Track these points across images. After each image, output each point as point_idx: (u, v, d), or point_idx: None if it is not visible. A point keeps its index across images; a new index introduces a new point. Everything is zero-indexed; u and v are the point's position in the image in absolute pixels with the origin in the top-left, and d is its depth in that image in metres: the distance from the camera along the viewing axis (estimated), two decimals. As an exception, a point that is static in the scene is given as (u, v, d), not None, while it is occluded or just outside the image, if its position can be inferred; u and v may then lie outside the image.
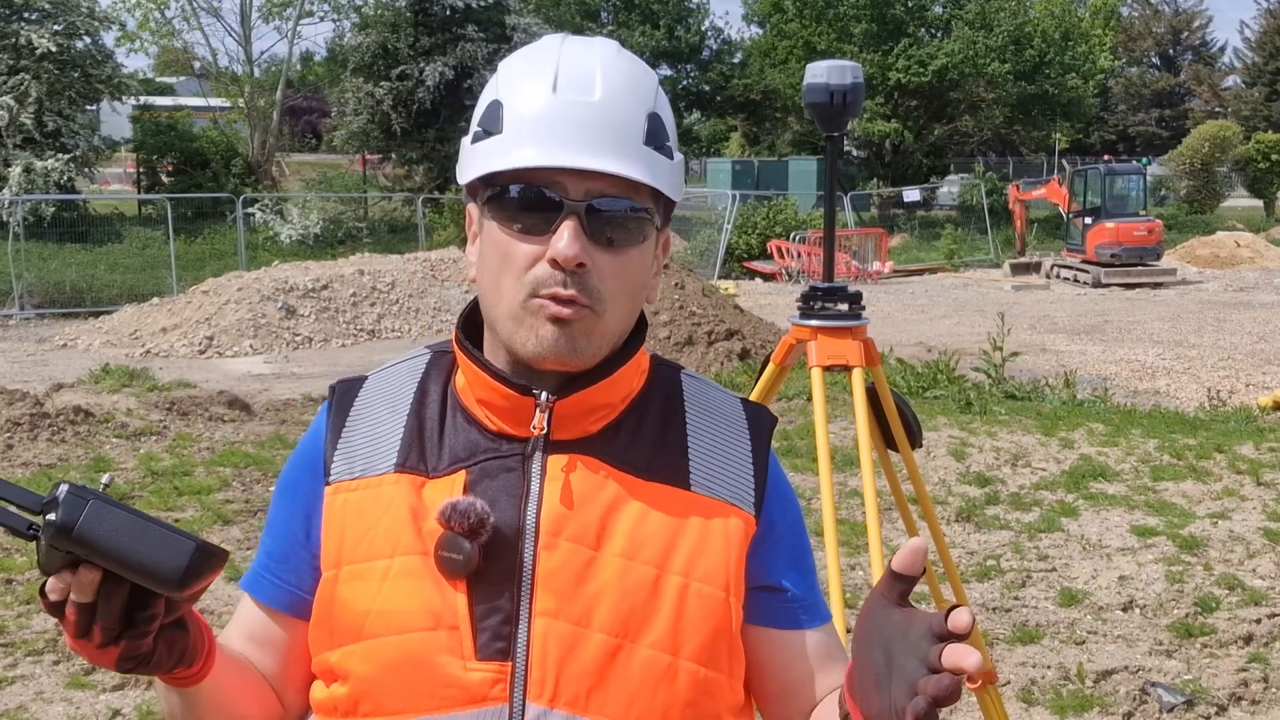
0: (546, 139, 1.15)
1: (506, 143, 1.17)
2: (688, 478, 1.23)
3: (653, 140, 1.19)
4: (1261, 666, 4.87)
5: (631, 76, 1.21)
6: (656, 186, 1.18)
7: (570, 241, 1.14)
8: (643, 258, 1.22)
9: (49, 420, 8.34)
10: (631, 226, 1.19)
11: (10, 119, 23.52)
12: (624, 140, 1.17)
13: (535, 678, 1.15)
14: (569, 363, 1.18)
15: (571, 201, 1.15)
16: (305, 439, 1.32)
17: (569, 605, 1.16)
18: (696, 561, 1.20)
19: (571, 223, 1.15)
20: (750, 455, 1.28)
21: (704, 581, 1.19)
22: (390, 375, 1.32)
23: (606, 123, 1.16)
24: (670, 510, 1.21)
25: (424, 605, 1.17)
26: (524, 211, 1.17)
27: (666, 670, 1.17)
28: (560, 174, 1.15)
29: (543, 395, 1.20)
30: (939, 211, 36.54)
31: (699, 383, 1.33)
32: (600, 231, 1.16)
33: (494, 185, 1.18)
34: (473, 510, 1.15)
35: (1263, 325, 17.23)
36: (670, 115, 1.25)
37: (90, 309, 18.06)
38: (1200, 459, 8.11)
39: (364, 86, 29.04)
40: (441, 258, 17.79)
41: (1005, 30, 35.46)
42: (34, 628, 5.10)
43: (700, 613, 1.19)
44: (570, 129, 1.15)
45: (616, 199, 1.17)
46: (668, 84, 41.87)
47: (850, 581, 5.65)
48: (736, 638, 1.22)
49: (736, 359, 12.35)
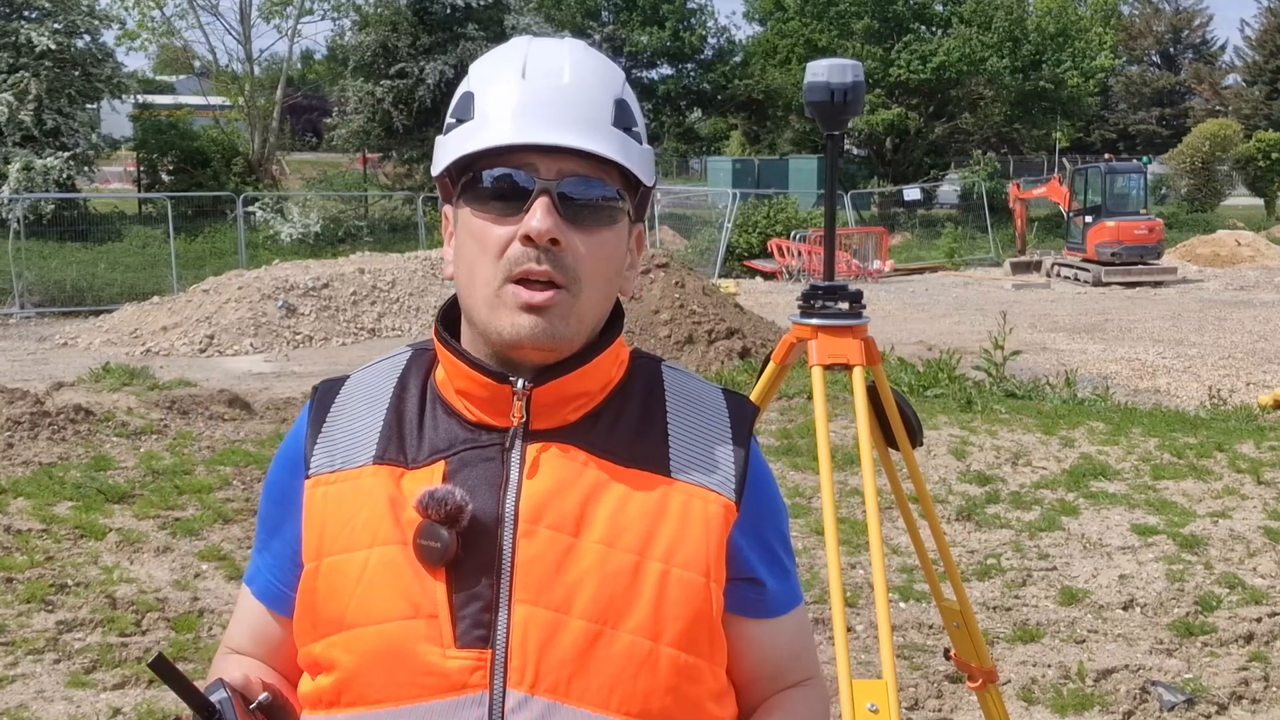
0: (517, 118, 1.17)
1: (478, 126, 1.19)
2: (668, 464, 1.24)
3: (621, 123, 1.22)
4: (1262, 665, 4.86)
5: (598, 66, 1.25)
6: (626, 165, 1.20)
7: (543, 217, 1.16)
8: (616, 240, 1.23)
9: (49, 419, 8.34)
10: (603, 210, 1.20)
11: (9, 116, 23.51)
12: (593, 120, 1.19)
13: (515, 665, 1.15)
14: (546, 346, 1.19)
15: (543, 180, 1.17)
16: (287, 437, 1.34)
17: (549, 592, 1.17)
18: (677, 548, 1.20)
19: (544, 200, 1.17)
20: (731, 443, 1.28)
21: (684, 568, 1.20)
22: (371, 373, 1.34)
23: (575, 103, 1.19)
24: (650, 497, 1.21)
25: (403, 594, 1.17)
26: (497, 197, 1.19)
27: (647, 656, 1.17)
28: (532, 155, 1.17)
29: (520, 382, 1.21)
30: (939, 210, 36.52)
31: (679, 373, 1.34)
32: (573, 213, 1.18)
33: (467, 174, 1.20)
34: (450, 498, 1.16)
35: (1263, 324, 17.23)
36: (638, 108, 1.27)
37: (91, 307, 18.06)
38: (1201, 458, 8.11)
39: (364, 85, 29.04)
40: (442, 256, 17.74)
41: (1002, 26, 35.46)
42: (34, 626, 5.10)
43: (681, 599, 1.19)
44: (540, 109, 1.18)
45: (588, 180, 1.19)
46: (668, 83, 41.91)
47: (850, 581, 5.65)
48: (717, 623, 1.23)
49: (737, 357, 12.35)
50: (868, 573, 5.74)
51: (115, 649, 4.86)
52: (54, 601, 5.36)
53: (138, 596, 5.43)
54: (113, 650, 4.85)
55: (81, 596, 5.42)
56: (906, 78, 35.69)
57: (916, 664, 4.84)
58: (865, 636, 5.05)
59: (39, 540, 6.14)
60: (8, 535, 6.17)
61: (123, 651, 4.85)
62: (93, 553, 6.02)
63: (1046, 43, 36.49)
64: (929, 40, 36.38)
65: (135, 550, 6.07)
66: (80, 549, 6.08)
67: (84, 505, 6.69)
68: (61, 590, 5.50)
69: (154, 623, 5.16)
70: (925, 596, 5.47)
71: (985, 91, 37.39)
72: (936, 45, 35.76)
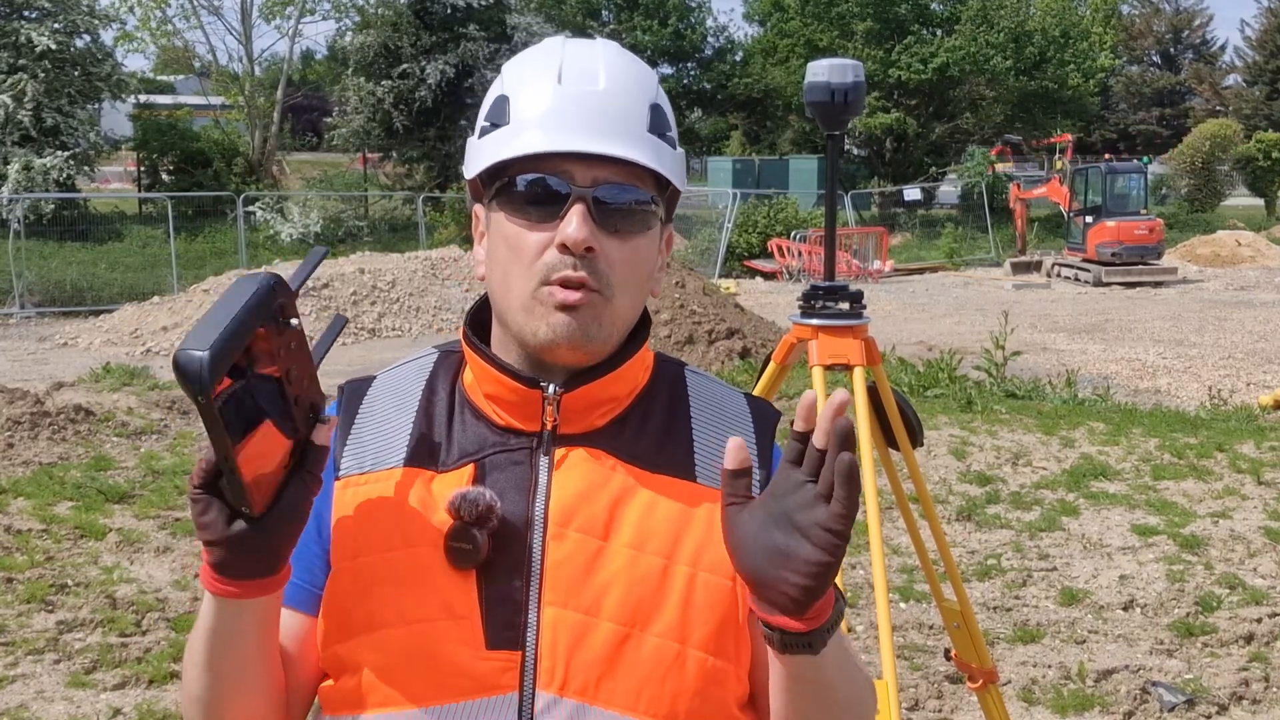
0: (553, 126, 1.17)
1: (514, 132, 1.19)
2: (693, 470, 1.25)
3: (655, 129, 1.22)
4: (1262, 666, 4.87)
5: (633, 70, 1.24)
6: (661, 171, 1.20)
7: (579, 225, 1.16)
8: (649, 247, 1.23)
9: (50, 419, 8.34)
10: (637, 215, 1.21)
11: (8, 116, 23.51)
12: (629, 127, 1.19)
13: (545, 666, 1.16)
14: (580, 349, 1.19)
15: (579, 188, 1.17)
16: None
17: (578, 595, 1.17)
18: (704, 552, 1.21)
19: (580, 208, 1.16)
20: (755, 448, 1.29)
21: (711, 571, 1.20)
22: (398, 374, 1.34)
23: (611, 110, 1.19)
24: (677, 502, 1.22)
25: (435, 595, 1.18)
26: (532, 202, 1.18)
27: (675, 659, 1.18)
28: (567, 162, 1.17)
29: (550, 388, 1.22)
30: (940, 210, 36.50)
31: (703, 378, 1.34)
32: (607, 219, 1.18)
33: (501, 177, 1.20)
34: (481, 499, 1.17)
35: (1263, 324, 17.22)
36: (670, 111, 1.27)
37: (91, 307, 18.05)
38: (1201, 458, 8.11)
39: (365, 85, 29.03)
40: (442, 256, 17.79)
41: (1005, 28, 35.46)
42: (34, 626, 5.10)
43: (708, 602, 1.20)
44: (576, 115, 1.18)
45: (623, 186, 1.19)
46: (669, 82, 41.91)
47: (850, 581, 5.65)
48: (743, 627, 1.23)
49: (737, 358, 12.35)
50: (868, 573, 5.73)
51: (115, 649, 4.86)
52: (54, 601, 5.36)
53: (138, 596, 5.43)
54: (113, 650, 4.85)
55: (81, 596, 5.42)
56: (908, 79, 35.67)
57: (917, 664, 4.84)
58: (865, 636, 5.05)
59: (39, 540, 6.14)
60: (8, 535, 6.17)
61: (123, 651, 4.85)
62: (93, 553, 6.02)
63: (1049, 44, 36.48)
64: (930, 42, 36.36)
65: (135, 550, 6.07)
66: (80, 549, 6.08)
67: (84, 505, 6.70)
68: (61, 590, 5.50)
69: (154, 623, 5.16)
70: (925, 596, 5.47)
71: (986, 92, 37.38)
72: (937, 46, 35.75)
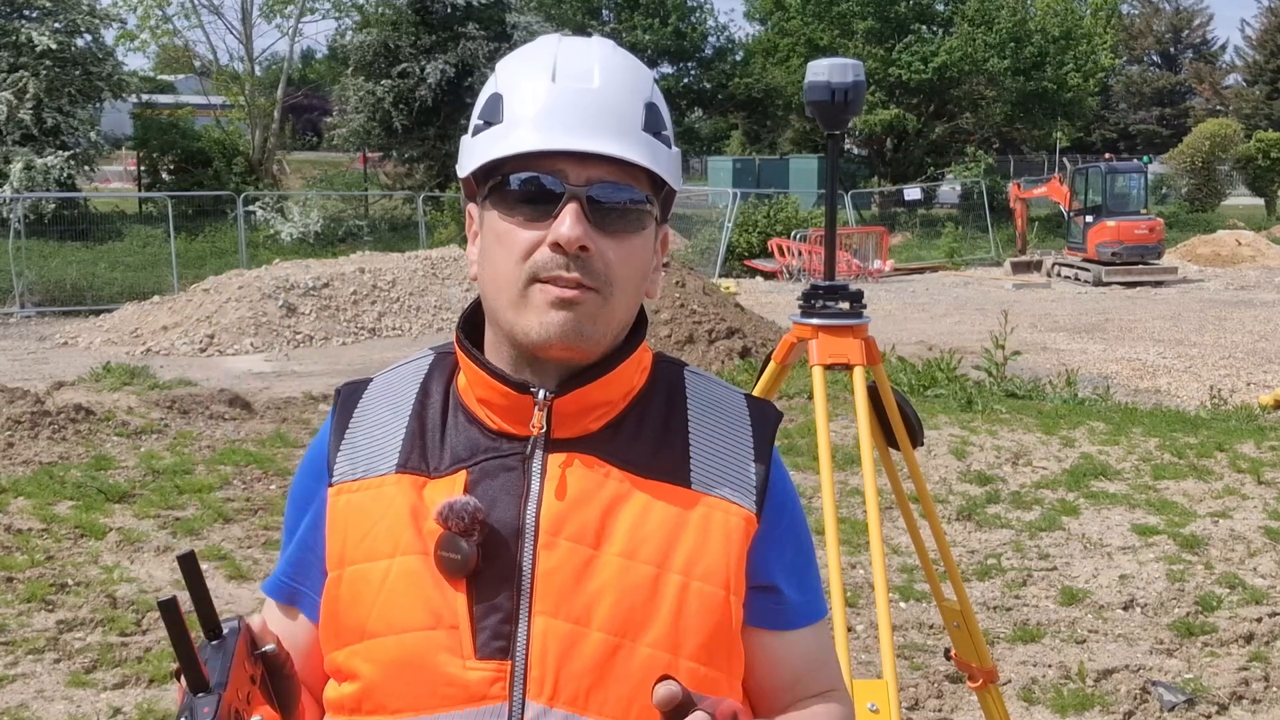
0: (547, 124, 1.16)
1: (507, 130, 1.18)
2: (688, 475, 1.23)
3: (650, 128, 1.20)
4: (1262, 665, 4.86)
5: (628, 68, 1.23)
6: (655, 170, 1.18)
7: (573, 224, 1.14)
8: (644, 246, 1.22)
9: (50, 418, 8.34)
10: (632, 214, 1.19)
11: (8, 115, 23.50)
12: (623, 125, 1.18)
13: (535, 676, 1.15)
14: (574, 347, 1.17)
15: (573, 186, 1.16)
16: (312, 444, 1.33)
17: (568, 604, 1.16)
18: (697, 560, 1.19)
19: (573, 206, 1.15)
20: (753, 452, 1.27)
21: (704, 580, 1.19)
22: (393, 377, 1.33)
23: (605, 108, 1.17)
24: (671, 508, 1.21)
25: (424, 605, 1.17)
26: (525, 201, 1.17)
27: (666, 669, 1.16)
28: (561, 161, 1.16)
29: (541, 393, 1.20)
30: (940, 210, 36.50)
31: (703, 379, 1.32)
32: (601, 218, 1.17)
33: (495, 176, 1.19)
34: (467, 510, 1.16)
35: (1264, 324, 17.22)
36: (666, 110, 1.26)
37: (91, 307, 18.04)
38: (1201, 458, 8.11)
39: (365, 85, 29.00)
40: (442, 256, 17.79)
41: (1005, 28, 35.45)
42: (34, 626, 5.10)
43: (700, 611, 1.18)
44: (570, 114, 1.16)
45: (617, 186, 1.17)
46: (669, 82, 41.91)
47: (850, 581, 5.65)
48: (736, 636, 1.22)
49: (737, 357, 12.34)
50: (868, 572, 5.73)
51: (115, 649, 4.86)
52: (54, 601, 5.36)
53: (138, 596, 5.43)
54: (113, 650, 4.85)
55: (82, 596, 5.42)
56: (908, 78, 35.67)
57: (917, 664, 4.84)
58: (865, 636, 5.05)
59: (39, 540, 6.15)
60: (8, 535, 6.17)
61: (123, 651, 4.85)
62: (93, 552, 6.02)
63: (1049, 45, 36.46)
64: (930, 41, 36.34)
65: (135, 550, 6.07)
66: (80, 548, 6.08)
67: (84, 505, 6.70)
68: (62, 590, 5.50)
69: (154, 623, 5.16)
70: (925, 596, 5.47)
71: (986, 91, 37.36)
72: (938, 45, 35.73)
